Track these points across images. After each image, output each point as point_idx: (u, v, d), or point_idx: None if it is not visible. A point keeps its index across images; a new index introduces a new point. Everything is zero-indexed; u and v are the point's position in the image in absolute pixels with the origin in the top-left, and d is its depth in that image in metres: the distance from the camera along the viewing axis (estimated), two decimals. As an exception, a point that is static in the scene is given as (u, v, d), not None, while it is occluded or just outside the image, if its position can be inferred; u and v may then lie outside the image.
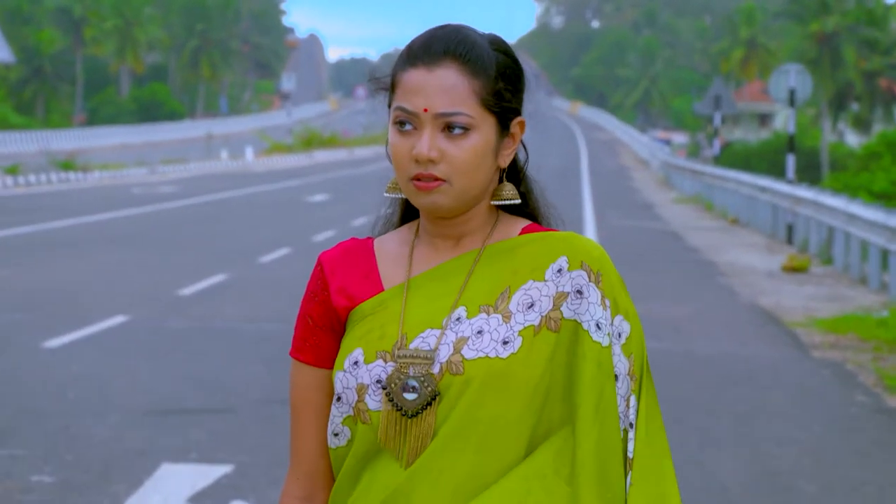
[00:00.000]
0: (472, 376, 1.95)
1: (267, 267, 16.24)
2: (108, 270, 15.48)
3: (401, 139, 2.00)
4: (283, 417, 7.96)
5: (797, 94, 23.26)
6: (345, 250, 2.11)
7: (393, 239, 2.11)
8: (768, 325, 12.41)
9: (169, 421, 7.85)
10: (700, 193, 33.50)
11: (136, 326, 11.34)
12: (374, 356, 1.99)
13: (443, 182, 1.98)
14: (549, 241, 2.03)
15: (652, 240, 21.55)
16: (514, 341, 1.96)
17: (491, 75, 1.98)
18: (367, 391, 1.99)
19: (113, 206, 27.13)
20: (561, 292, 1.99)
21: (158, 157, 51.14)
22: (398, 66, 2.00)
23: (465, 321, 1.98)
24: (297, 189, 35.41)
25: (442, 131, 1.97)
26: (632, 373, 2.01)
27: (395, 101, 2.00)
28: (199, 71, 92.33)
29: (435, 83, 1.96)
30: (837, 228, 17.21)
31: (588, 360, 1.97)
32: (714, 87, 36.53)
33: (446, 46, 1.98)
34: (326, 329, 2.06)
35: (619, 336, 2.01)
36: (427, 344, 1.98)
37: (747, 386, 9.37)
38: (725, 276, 16.43)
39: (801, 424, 8.16)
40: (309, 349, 2.07)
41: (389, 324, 2.01)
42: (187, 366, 9.57)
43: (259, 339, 10.77)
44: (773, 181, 23.67)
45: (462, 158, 1.97)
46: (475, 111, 1.97)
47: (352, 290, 2.06)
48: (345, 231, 21.68)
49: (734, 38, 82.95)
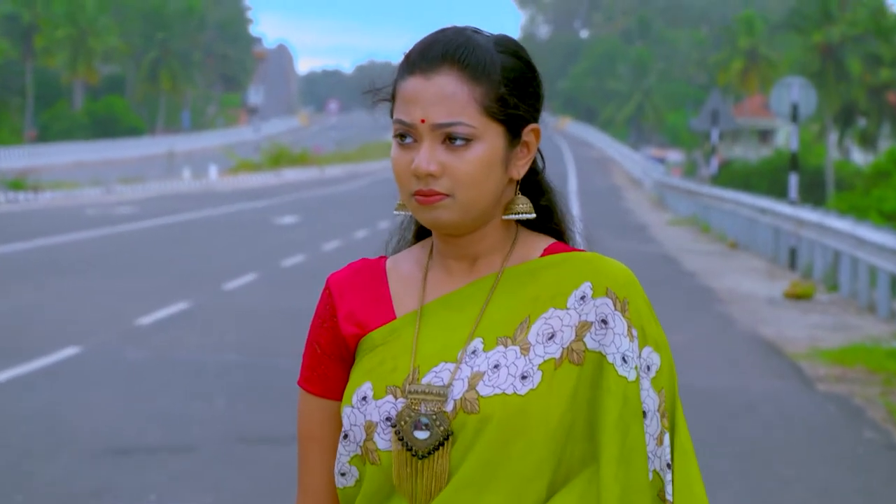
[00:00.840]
0: (488, 415, 1.93)
1: (232, 294, 16.21)
2: (61, 298, 15.43)
3: (401, 153, 1.98)
4: (249, 457, 7.93)
5: (800, 109, 23.38)
6: (354, 271, 2.07)
7: (407, 259, 2.08)
8: (770, 356, 12.43)
9: (126, 460, 7.81)
10: (696, 215, 33.60)
11: (90, 358, 11.30)
12: (384, 391, 1.97)
13: (445, 196, 1.95)
14: (572, 263, 2.01)
15: (645, 264, 21.59)
16: (534, 376, 1.94)
17: (495, 80, 1.95)
18: (376, 429, 1.97)
19: (66, 228, 27.06)
20: (584, 321, 1.97)
21: (115, 175, 51.06)
22: (398, 75, 1.99)
23: (481, 354, 1.96)
24: (264, 210, 35.38)
25: (442, 143, 1.95)
26: (662, 409, 1.99)
27: (395, 112, 1.99)
28: (159, 83, 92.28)
29: (432, 92, 1.94)
30: (844, 253, 17.28)
31: (613, 395, 1.94)
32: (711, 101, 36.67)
33: (444, 51, 1.95)
34: (335, 358, 2.04)
35: (648, 369, 1.99)
36: (440, 379, 1.96)
37: (747, 422, 9.38)
38: (724, 303, 16.47)
39: (806, 463, 8.17)
40: (317, 379, 2.05)
41: (402, 356, 1.98)
42: (146, 401, 9.53)
43: (223, 371, 10.74)
44: (775, 202, 23.76)
45: (465, 171, 1.94)
46: (477, 120, 1.95)
47: (361, 317, 2.03)
48: (315, 256, 21.66)
49: (733, 49, 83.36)
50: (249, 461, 7.82)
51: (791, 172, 23.68)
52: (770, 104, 24.55)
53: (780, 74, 63.53)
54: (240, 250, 22.64)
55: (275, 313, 14.37)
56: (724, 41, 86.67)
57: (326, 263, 20.20)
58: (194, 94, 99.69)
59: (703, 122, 36.20)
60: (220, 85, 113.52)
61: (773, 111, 24.54)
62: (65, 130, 79.41)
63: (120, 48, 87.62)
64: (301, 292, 16.24)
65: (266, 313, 14.41)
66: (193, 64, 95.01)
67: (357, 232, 27.18)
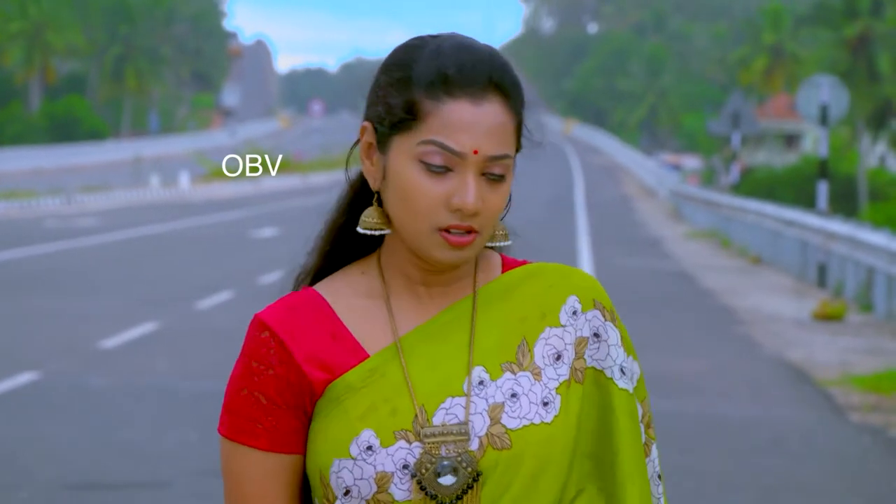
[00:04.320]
0: (521, 449, 1.97)
1: (205, 314, 16.21)
2: (15, 319, 15.42)
3: (430, 182, 1.95)
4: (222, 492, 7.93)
5: (830, 112, 23.42)
6: (291, 308, 2.05)
7: (347, 289, 2.06)
8: (797, 383, 12.44)
9: (89, 497, 7.81)
10: (716, 227, 33.64)
11: (49, 385, 11.29)
12: (393, 437, 1.95)
13: (477, 234, 1.97)
14: (546, 277, 2.06)
15: (659, 282, 21.62)
16: (554, 401, 2.00)
17: (522, 105, 2.01)
18: (391, 480, 1.95)
19: (22, 241, 27.05)
20: (581, 337, 2.04)
21: (76, 183, 51.07)
22: (422, 91, 1.95)
23: (490, 384, 1.99)
24: (240, 222, 35.40)
25: (481, 175, 1.96)
26: (647, 419, 2.08)
27: (423, 132, 1.95)
28: (123, 82, 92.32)
29: (485, 121, 1.95)
30: (878, 269, 17.31)
31: (620, 411, 2.04)
32: (732, 102, 36.74)
33: (489, 74, 1.96)
34: (289, 407, 2.00)
35: (632, 378, 2.08)
36: (454, 416, 1.97)
37: (774, 455, 9.39)
38: (746, 324, 16.49)
39: (838, 500, 8.18)
40: (263, 432, 2.00)
41: (396, 397, 1.97)
42: (110, 432, 9.53)
43: (195, 398, 10.74)
44: (802, 213, 23.79)
45: (496, 206, 1.98)
46: (512, 150, 1.99)
47: (324, 359, 2.00)
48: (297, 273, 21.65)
49: (756, 45, 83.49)
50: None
51: (820, 181, 23.71)
52: (797, 105, 24.58)
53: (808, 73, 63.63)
54: (214, 266, 22.64)
55: (252, 336, 14.36)
56: (747, 36, 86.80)
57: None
58: (163, 94, 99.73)
59: (724, 125, 36.26)
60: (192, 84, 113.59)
61: (800, 113, 24.58)
62: (19, 134, 79.34)
63: (80, 44, 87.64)
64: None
65: (243, 334, 14.29)
66: (162, 61, 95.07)
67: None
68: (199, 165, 66.18)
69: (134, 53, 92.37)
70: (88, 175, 61.34)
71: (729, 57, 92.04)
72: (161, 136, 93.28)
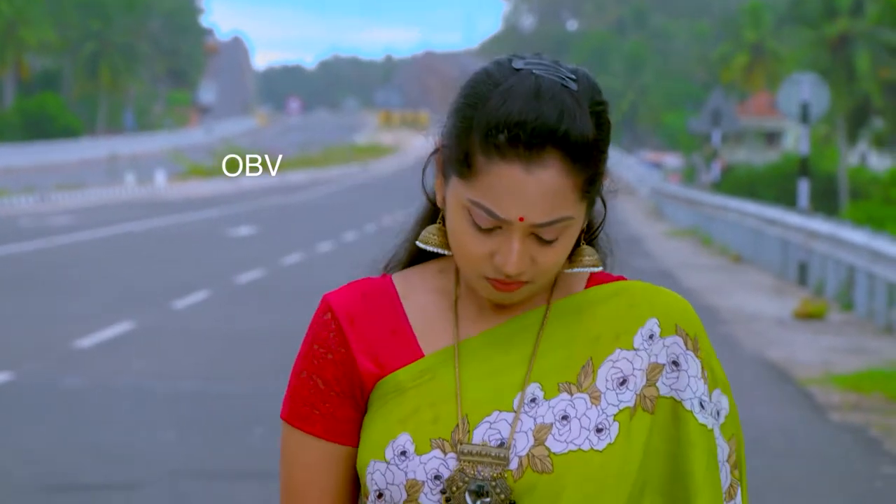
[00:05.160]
0: (562, 475, 1.87)
1: (181, 314, 16.18)
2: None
3: (477, 237, 1.88)
4: (201, 495, 7.92)
5: (811, 109, 23.48)
6: (362, 295, 1.97)
7: (422, 285, 1.99)
8: (778, 382, 12.47)
9: (64, 498, 7.79)
10: (697, 226, 33.69)
11: (21, 386, 11.25)
12: (429, 445, 1.89)
13: (525, 283, 1.90)
14: (628, 296, 1.97)
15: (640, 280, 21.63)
16: (610, 428, 1.89)
17: (594, 155, 1.89)
18: (421, 489, 1.89)
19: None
20: (655, 363, 1.93)
21: (50, 182, 50.93)
22: (478, 144, 1.86)
23: (542, 403, 1.90)
24: (217, 221, 35.33)
25: (531, 235, 1.88)
26: (733, 460, 1.97)
27: (474, 189, 1.87)
28: (98, 79, 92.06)
29: (535, 189, 1.85)
30: (859, 268, 17.35)
31: (698, 447, 1.92)
32: (713, 99, 36.81)
33: (550, 132, 1.85)
34: (345, 396, 1.95)
35: (718, 414, 1.97)
36: (497, 432, 1.89)
37: (755, 454, 9.40)
38: (727, 323, 16.52)
39: (819, 500, 8.20)
40: (319, 419, 1.95)
41: (442, 402, 1.91)
42: (85, 433, 9.51)
43: (172, 399, 10.72)
44: (783, 211, 23.84)
45: (553, 261, 1.89)
46: (574, 207, 1.89)
47: (379, 352, 1.94)
48: (274, 271, 21.64)
49: (737, 43, 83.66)
50: (201, 499, 7.81)
51: (801, 179, 23.77)
52: (778, 103, 24.65)
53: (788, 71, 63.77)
54: (190, 265, 22.59)
55: (229, 335, 14.34)
56: (728, 34, 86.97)
57: (286, 279, 20.19)
58: (138, 92, 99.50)
59: (704, 123, 36.32)
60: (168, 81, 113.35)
61: (781, 111, 24.65)
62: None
63: (54, 40, 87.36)
64: (258, 311, 16.22)
65: (219, 335, 14.38)
66: (137, 58, 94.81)
67: (320, 244, 27.17)
68: (175, 163, 66.04)
69: (109, 50, 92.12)
70: (63, 173, 61.17)
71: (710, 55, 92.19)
72: (136, 133, 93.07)
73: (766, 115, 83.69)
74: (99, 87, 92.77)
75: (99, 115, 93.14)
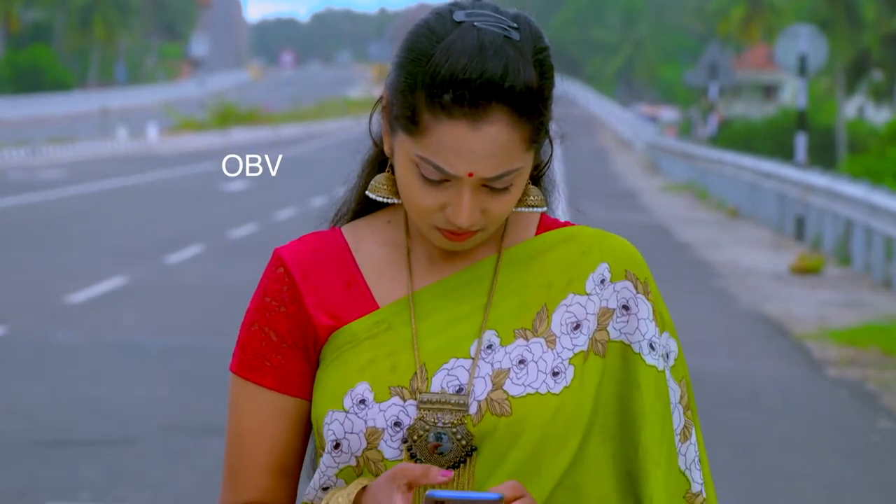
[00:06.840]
0: (521, 417, 1.90)
1: (174, 269, 16.18)
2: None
3: (426, 190, 1.90)
4: (193, 449, 7.93)
5: (809, 62, 23.43)
6: (313, 249, 2.00)
7: (372, 237, 2.00)
8: (774, 337, 12.49)
9: (55, 454, 7.80)
10: (693, 180, 33.69)
11: (14, 341, 11.26)
12: (388, 393, 1.92)
13: (477, 232, 1.92)
14: (578, 241, 2.00)
15: (634, 235, 21.62)
16: (566, 372, 1.92)
17: (540, 105, 1.91)
18: (381, 437, 1.91)
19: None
20: (605, 308, 1.96)
21: (41, 135, 50.81)
22: (424, 101, 1.87)
23: (498, 349, 1.92)
24: (210, 175, 35.29)
25: (482, 187, 1.90)
26: (685, 401, 1.99)
27: (421, 145, 1.88)
28: (90, 32, 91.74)
29: (482, 145, 1.86)
30: (857, 222, 17.36)
31: (646, 389, 1.94)
32: (709, 52, 36.73)
33: (495, 89, 1.85)
34: (297, 349, 1.97)
35: (668, 357, 1.98)
36: (455, 378, 1.91)
37: (750, 410, 9.42)
38: (723, 278, 16.54)
39: (815, 455, 8.22)
40: (270, 370, 1.98)
41: (399, 352, 1.93)
42: (77, 388, 9.52)
43: (164, 355, 10.73)
44: (780, 165, 23.84)
45: (504, 209, 1.91)
46: (523, 157, 1.91)
47: (333, 305, 1.96)
48: (268, 226, 21.64)
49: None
50: (194, 454, 7.82)
51: (798, 132, 23.75)
52: (775, 56, 24.59)
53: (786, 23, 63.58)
54: (183, 220, 22.58)
55: (222, 290, 14.35)
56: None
57: (280, 234, 20.18)
58: (130, 44, 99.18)
59: (701, 76, 36.25)
60: (160, 34, 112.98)
61: (778, 64, 24.60)
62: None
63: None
64: (251, 266, 16.21)
65: (212, 290, 14.39)
66: (129, 10, 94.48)
67: (314, 199, 27.15)
68: (167, 117, 65.91)
69: (101, 2, 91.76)
70: (54, 126, 61.06)
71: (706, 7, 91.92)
72: (128, 86, 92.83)
73: (763, 69, 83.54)
74: (91, 40, 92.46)
75: (90, 69, 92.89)
